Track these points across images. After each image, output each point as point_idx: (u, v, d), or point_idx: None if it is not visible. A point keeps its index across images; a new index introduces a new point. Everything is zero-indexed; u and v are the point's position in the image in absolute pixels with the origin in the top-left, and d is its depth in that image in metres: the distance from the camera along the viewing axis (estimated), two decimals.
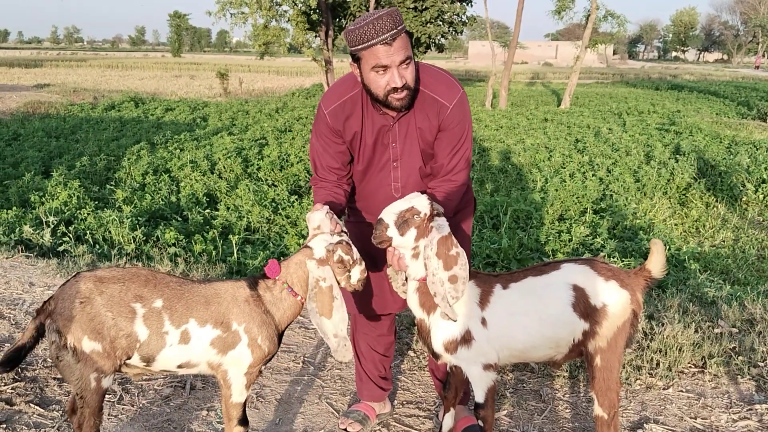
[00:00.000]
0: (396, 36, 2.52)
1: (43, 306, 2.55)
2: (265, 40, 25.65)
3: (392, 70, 2.57)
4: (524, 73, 55.98)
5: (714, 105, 26.32)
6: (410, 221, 2.52)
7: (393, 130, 2.83)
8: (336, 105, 2.85)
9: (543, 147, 13.65)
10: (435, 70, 2.85)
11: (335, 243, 2.61)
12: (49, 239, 6.42)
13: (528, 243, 7.23)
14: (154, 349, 2.57)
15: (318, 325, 2.58)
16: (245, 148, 12.41)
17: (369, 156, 2.91)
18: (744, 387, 3.79)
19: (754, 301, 4.87)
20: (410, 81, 2.63)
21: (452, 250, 2.52)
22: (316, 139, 2.95)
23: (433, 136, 2.81)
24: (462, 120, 2.79)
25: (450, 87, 2.79)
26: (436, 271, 2.52)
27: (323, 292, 2.56)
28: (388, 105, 2.68)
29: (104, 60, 63.70)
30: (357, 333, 3.39)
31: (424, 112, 2.78)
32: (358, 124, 2.85)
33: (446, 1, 27.30)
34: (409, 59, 2.60)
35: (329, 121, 2.86)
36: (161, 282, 2.63)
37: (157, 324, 2.55)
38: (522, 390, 3.78)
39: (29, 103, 20.98)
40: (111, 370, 2.54)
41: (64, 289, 2.54)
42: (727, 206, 9.55)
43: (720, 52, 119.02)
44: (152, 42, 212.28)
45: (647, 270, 2.71)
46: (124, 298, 2.54)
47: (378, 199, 2.94)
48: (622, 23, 26.25)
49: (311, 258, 2.60)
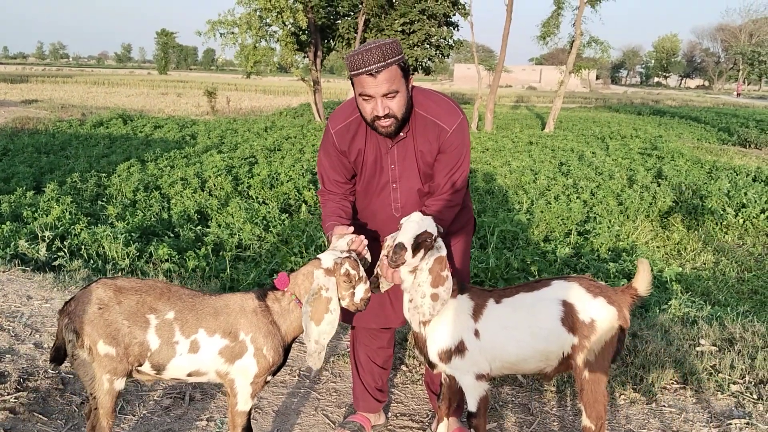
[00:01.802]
0: (381, 69, 2.67)
1: (64, 306, 2.70)
2: (254, 60, 25.80)
3: (376, 99, 2.73)
4: (509, 97, 56.62)
5: (695, 130, 26.80)
6: (423, 243, 2.67)
7: (392, 152, 2.99)
8: (342, 125, 3.02)
9: (528, 169, 13.89)
10: (437, 96, 3.01)
11: (344, 257, 2.75)
12: (45, 254, 6.49)
13: (514, 263, 7.39)
14: (164, 358, 2.69)
15: (305, 327, 2.70)
16: (235, 167, 12.54)
17: (369, 176, 3.07)
18: (723, 403, 3.95)
19: (733, 321, 5.05)
20: (395, 111, 2.78)
21: (444, 272, 2.71)
22: (324, 155, 3.12)
23: (433, 158, 2.96)
24: (461, 144, 2.94)
25: (450, 112, 2.94)
26: (423, 284, 2.71)
27: (321, 300, 2.69)
28: (375, 129, 2.85)
29: (90, 76, 63.54)
30: (357, 344, 3.51)
31: (425, 135, 2.93)
32: (361, 144, 3.01)
33: (433, 25, 27.65)
34: (394, 92, 2.73)
35: (336, 140, 3.03)
36: (175, 295, 2.76)
37: (168, 334, 2.68)
38: (511, 403, 3.92)
39: (17, 118, 20.97)
40: (123, 374, 2.66)
41: (85, 293, 2.67)
42: (707, 230, 9.78)
43: (701, 78, 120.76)
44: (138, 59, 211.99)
45: (634, 288, 2.86)
46: (141, 309, 2.67)
47: (380, 219, 3.12)
48: (606, 49, 26.73)
49: (319, 267, 2.73)
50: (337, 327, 2.75)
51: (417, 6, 26.91)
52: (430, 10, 27.05)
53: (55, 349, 2.73)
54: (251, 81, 55.82)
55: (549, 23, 27.46)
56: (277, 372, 2.90)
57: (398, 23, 27.04)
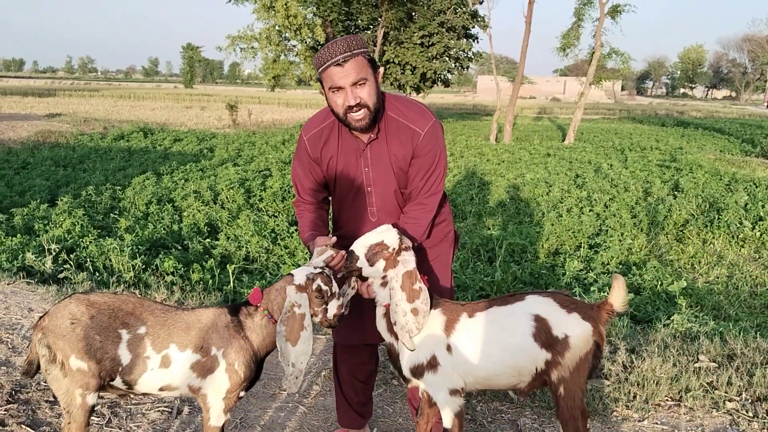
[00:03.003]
0: (348, 58, 2.70)
1: (38, 321, 2.72)
2: (274, 74, 26.03)
3: (346, 90, 2.75)
4: (531, 108, 56.38)
5: (718, 142, 26.47)
6: (379, 254, 2.68)
7: (365, 155, 2.98)
8: (314, 132, 3.04)
9: (543, 182, 13.79)
10: (409, 101, 3.03)
11: (316, 273, 2.74)
12: (50, 266, 6.57)
13: (522, 276, 7.33)
14: (136, 373, 2.70)
15: (281, 349, 2.69)
16: (249, 179, 12.62)
17: (344, 181, 3.06)
18: (718, 420, 3.87)
19: (735, 336, 4.95)
20: (366, 99, 2.78)
21: (416, 284, 2.68)
22: (297, 164, 3.13)
23: (407, 163, 2.95)
24: (434, 147, 2.93)
25: (422, 115, 2.95)
26: (400, 302, 2.68)
27: (295, 318, 2.68)
28: (348, 125, 2.85)
29: (117, 90, 64.52)
30: (339, 360, 3.50)
31: (398, 139, 2.93)
32: (334, 150, 3.02)
33: (452, 37, 27.70)
34: (363, 80, 2.75)
35: (308, 147, 3.05)
36: (147, 309, 2.77)
37: (139, 349, 2.69)
38: (500, 420, 3.87)
39: (40, 132, 21.30)
40: (95, 388, 2.67)
41: (58, 308, 2.69)
42: (723, 243, 9.62)
43: (728, 89, 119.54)
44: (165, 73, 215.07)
45: (609, 304, 2.82)
46: (113, 324, 2.68)
47: (357, 224, 3.11)
48: (626, 60, 26.57)
49: (291, 284, 2.73)
50: (312, 346, 2.74)
51: (436, 19, 27.00)
52: (449, 23, 27.15)
53: (28, 363, 2.75)
54: (275, 94, 56.32)
55: (569, 35, 27.39)
56: (251, 387, 2.90)
57: (417, 36, 27.14)
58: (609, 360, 4.38)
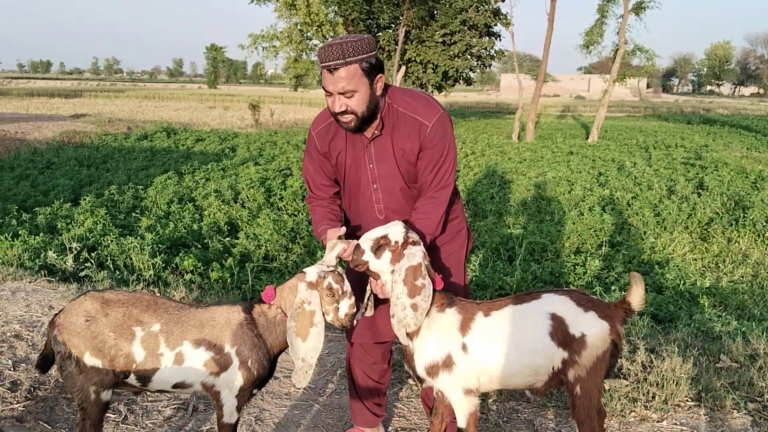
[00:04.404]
0: (340, 66, 2.67)
1: (53, 318, 2.74)
2: (295, 73, 26.10)
3: (335, 96, 2.74)
4: (555, 106, 56.02)
5: (745, 139, 26.10)
6: (384, 247, 2.66)
7: (369, 151, 2.96)
8: (321, 127, 3.03)
9: (565, 180, 13.68)
10: (416, 93, 2.99)
11: (328, 271, 2.73)
12: (72, 264, 6.63)
13: (542, 275, 7.27)
14: (149, 370, 2.71)
15: (291, 344, 2.69)
16: (269, 178, 12.66)
17: (350, 177, 3.05)
18: (739, 421, 3.80)
19: (758, 336, 4.86)
20: (354, 107, 2.76)
21: (419, 281, 2.66)
22: (308, 160, 3.12)
23: (416, 156, 2.92)
24: (442, 139, 2.89)
25: (429, 106, 2.91)
26: (400, 296, 2.67)
27: (305, 314, 2.67)
28: (339, 124, 2.85)
29: (142, 91, 65.16)
30: (353, 359, 3.48)
31: (405, 132, 2.90)
32: (341, 145, 3.00)
33: (474, 35, 27.57)
34: (351, 92, 2.72)
35: (317, 142, 3.05)
36: (161, 307, 2.78)
37: (153, 346, 2.69)
38: (516, 419, 3.83)
39: (65, 132, 21.56)
40: (110, 385, 2.69)
41: (73, 305, 2.71)
42: (749, 242, 9.46)
43: (756, 86, 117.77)
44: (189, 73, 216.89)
45: (627, 302, 2.77)
46: (127, 321, 2.69)
47: (365, 222, 3.09)
48: (651, 57, 26.26)
49: (302, 281, 2.72)
50: (323, 342, 2.73)
51: (458, 17, 26.88)
52: (471, 21, 27.02)
53: (42, 357, 2.79)
54: (297, 94, 56.45)
55: (592, 32, 27.17)
56: (263, 385, 2.90)
57: (439, 34, 27.06)
58: (628, 360, 4.32)
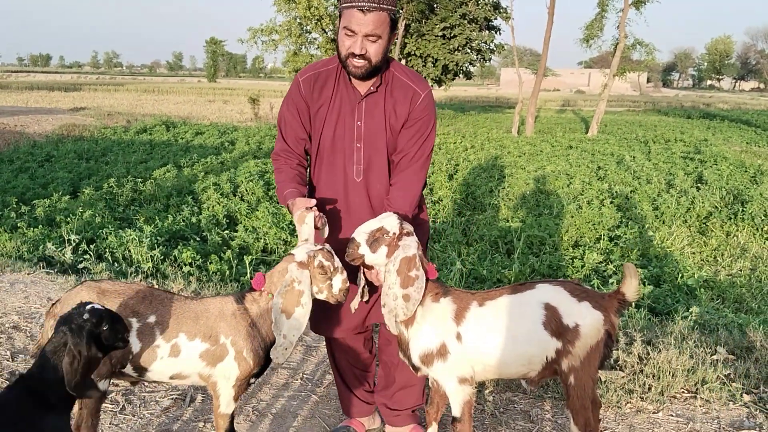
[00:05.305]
0: (372, 9, 2.68)
1: (50, 308, 2.75)
2: (295, 67, 26.05)
3: (358, 37, 2.74)
4: (555, 101, 55.94)
5: (745, 134, 26.09)
6: (380, 239, 2.67)
7: (360, 107, 2.95)
8: (311, 74, 3.00)
9: (564, 174, 13.68)
10: (412, 70, 3.08)
11: (317, 249, 2.74)
12: (70, 257, 6.64)
13: (540, 269, 7.29)
14: (146, 361, 2.72)
15: (275, 319, 2.69)
16: (268, 172, 12.66)
17: (333, 133, 2.99)
18: (735, 413, 3.81)
19: (755, 329, 4.87)
20: (372, 55, 2.78)
21: (413, 272, 2.67)
22: (286, 107, 3.05)
23: (401, 124, 2.95)
24: (430, 113, 2.97)
25: (423, 81, 3.02)
26: (393, 286, 2.69)
27: (293, 293, 2.69)
28: (346, 67, 2.84)
29: (141, 84, 64.99)
30: (335, 352, 3.45)
31: (400, 95, 2.94)
32: (327, 97, 2.97)
33: (474, 29, 27.53)
34: (376, 36, 2.74)
35: (302, 88, 2.99)
36: (157, 299, 2.78)
37: (149, 338, 2.70)
38: (512, 410, 3.85)
39: (64, 125, 21.53)
40: (106, 375, 2.70)
41: (70, 295, 2.72)
42: (747, 235, 9.48)
43: (756, 80, 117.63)
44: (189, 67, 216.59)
45: (621, 293, 2.78)
46: (123, 312, 2.70)
47: (338, 186, 3.03)
48: (651, 51, 26.25)
49: (292, 262, 2.73)
50: (305, 324, 2.73)
51: (458, 10, 26.83)
52: (470, 15, 26.96)
53: (38, 348, 2.78)
54: None
55: (592, 26, 27.16)
56: (261, 374, 2.91)
57: (439, 28, 27.00)
58: (625, 351, 4.33)
